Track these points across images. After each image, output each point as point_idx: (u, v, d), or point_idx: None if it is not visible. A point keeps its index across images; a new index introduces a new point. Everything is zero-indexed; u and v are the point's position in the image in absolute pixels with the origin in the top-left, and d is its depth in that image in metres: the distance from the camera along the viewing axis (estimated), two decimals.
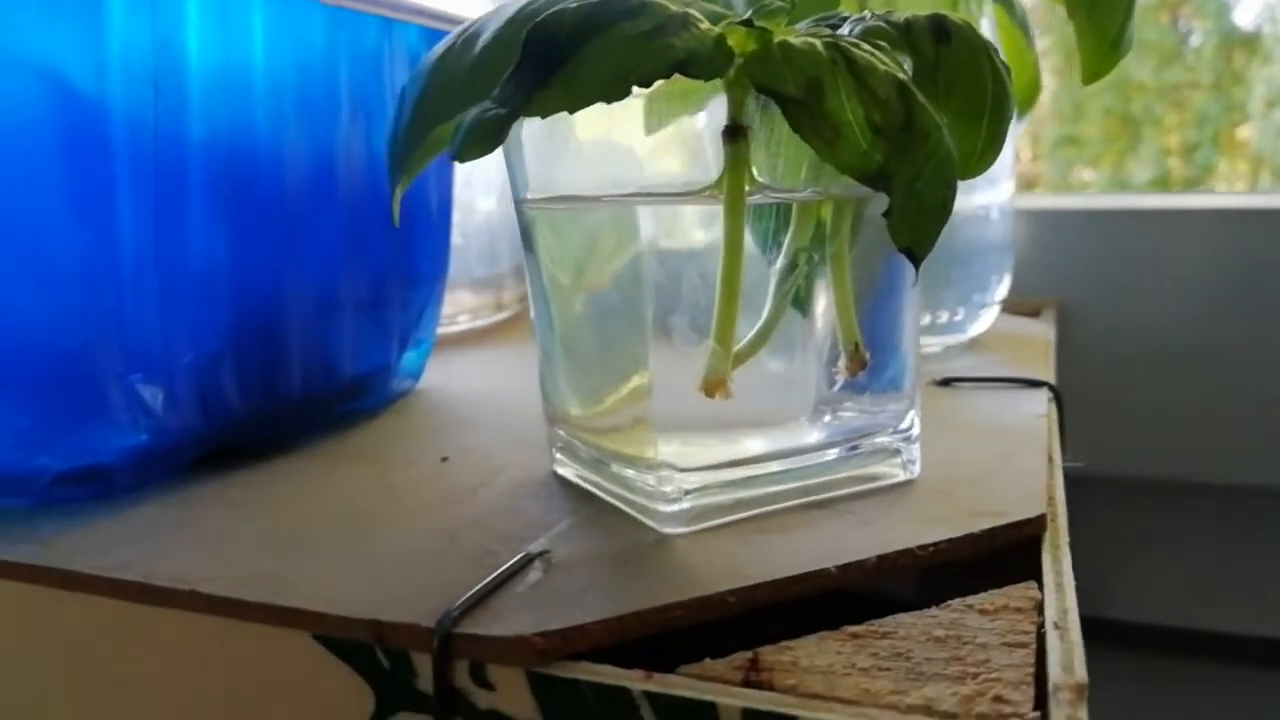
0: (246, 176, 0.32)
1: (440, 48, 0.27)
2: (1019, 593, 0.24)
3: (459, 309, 0.54)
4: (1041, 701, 0.19)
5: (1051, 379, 0.41)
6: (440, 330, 0.45)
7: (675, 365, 0.26)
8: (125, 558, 0.26)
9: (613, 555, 0.25)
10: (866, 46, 0.24)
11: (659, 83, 0.22)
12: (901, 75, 0.24)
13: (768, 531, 0.26)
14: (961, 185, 0.25)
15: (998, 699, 0.19)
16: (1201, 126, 0.81)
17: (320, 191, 0.34)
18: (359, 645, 0.22)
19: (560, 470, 0.32)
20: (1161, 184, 0.82)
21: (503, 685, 0.21)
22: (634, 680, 0.20)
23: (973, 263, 0.46)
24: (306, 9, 0.33)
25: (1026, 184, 0.85)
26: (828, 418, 0.29)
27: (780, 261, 0.28)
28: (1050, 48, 0.78)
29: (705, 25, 0.23)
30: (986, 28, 0.44)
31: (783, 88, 0.23)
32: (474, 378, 0.47)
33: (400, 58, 0.38)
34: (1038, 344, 0.49)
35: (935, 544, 0.25)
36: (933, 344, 0.46)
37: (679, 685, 0.20)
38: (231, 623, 0.23)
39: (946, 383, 0.41)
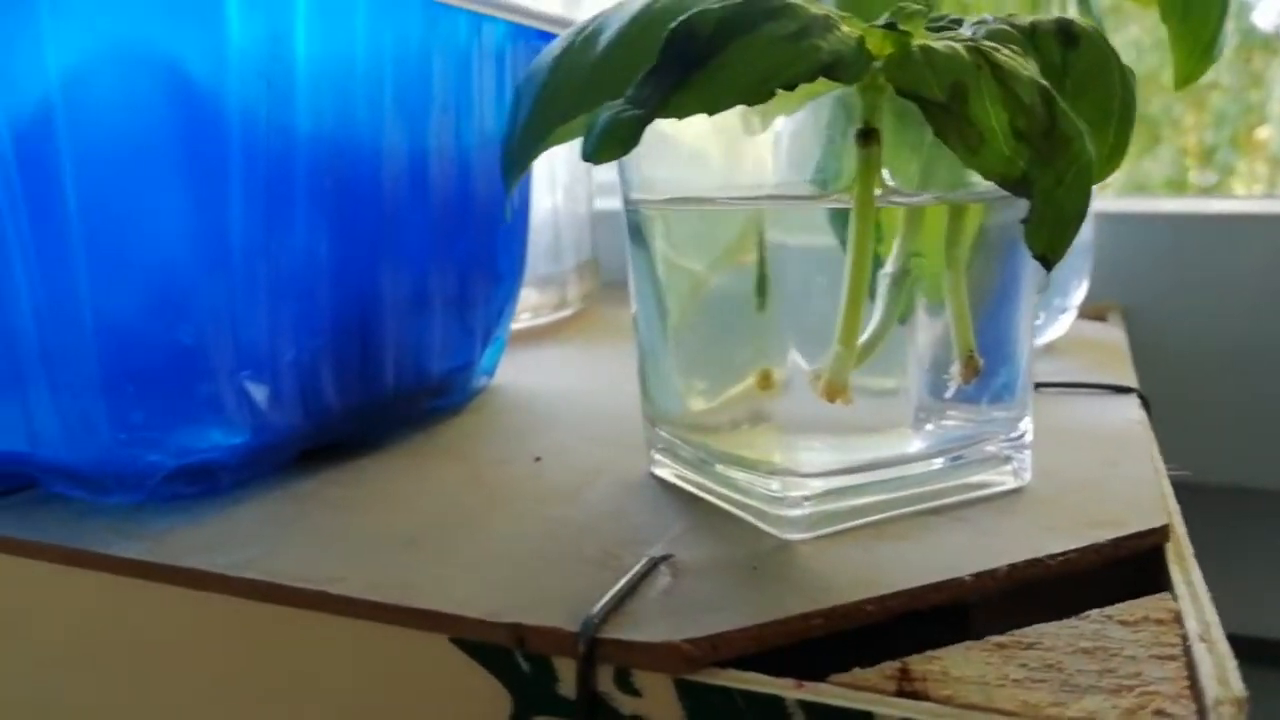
0: (347, 171, 0.31)
1: (558, 46, 0.27)
2: (1156, 604, 0.23)
3: (522, 306, 0.54)
4: (1202, 715, 0.19)
5: (1135, 384, 0.41)
6: None
7: (800, 369, 0.25)
8: (242, 556, 0.26)
9: (738, 561, 0.25)
10: (1006, 51, 0.24)
11: None
12: (1043, 80, 0.23)
13: (887, 539, 0.26)
14: None
15: (1159, 713, 0.19)
16: (1220, 127, 0.80)
17: (414, 187, 0.34)
18: (497, 649, 0.22)
19: (659, 471, 0.31)
20: (1179, 186, 0.81)
21: (649, 692, 0.21)
22: (787, 689, 0.20)
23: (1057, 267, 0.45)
24: (406, 4, 0.33)
25: None
26: (930, 425, 0.29)
27: (890, 267, 0.27)
28: None
29: (847, 28, 0.23)
30: None
31: (926, 91, 0.22)
32: (543, 375, 0.46)
33: (488, 55, 0.37)
34: (1112, 349, 0.49)
35: (1064, 553, 0.25)
36: None
37: (832, 694, 0.20)
38: (360, 623, 0.23)
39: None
